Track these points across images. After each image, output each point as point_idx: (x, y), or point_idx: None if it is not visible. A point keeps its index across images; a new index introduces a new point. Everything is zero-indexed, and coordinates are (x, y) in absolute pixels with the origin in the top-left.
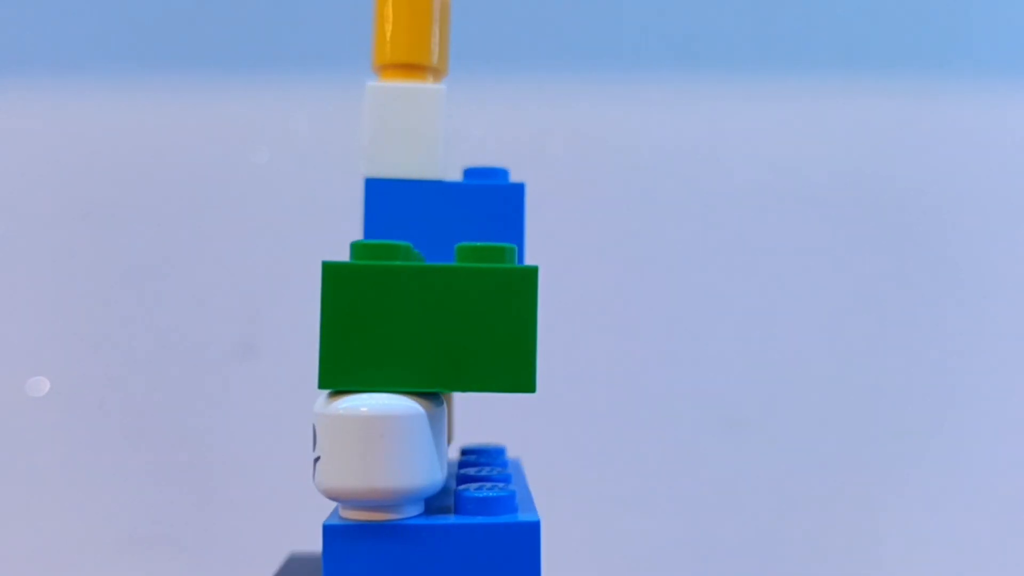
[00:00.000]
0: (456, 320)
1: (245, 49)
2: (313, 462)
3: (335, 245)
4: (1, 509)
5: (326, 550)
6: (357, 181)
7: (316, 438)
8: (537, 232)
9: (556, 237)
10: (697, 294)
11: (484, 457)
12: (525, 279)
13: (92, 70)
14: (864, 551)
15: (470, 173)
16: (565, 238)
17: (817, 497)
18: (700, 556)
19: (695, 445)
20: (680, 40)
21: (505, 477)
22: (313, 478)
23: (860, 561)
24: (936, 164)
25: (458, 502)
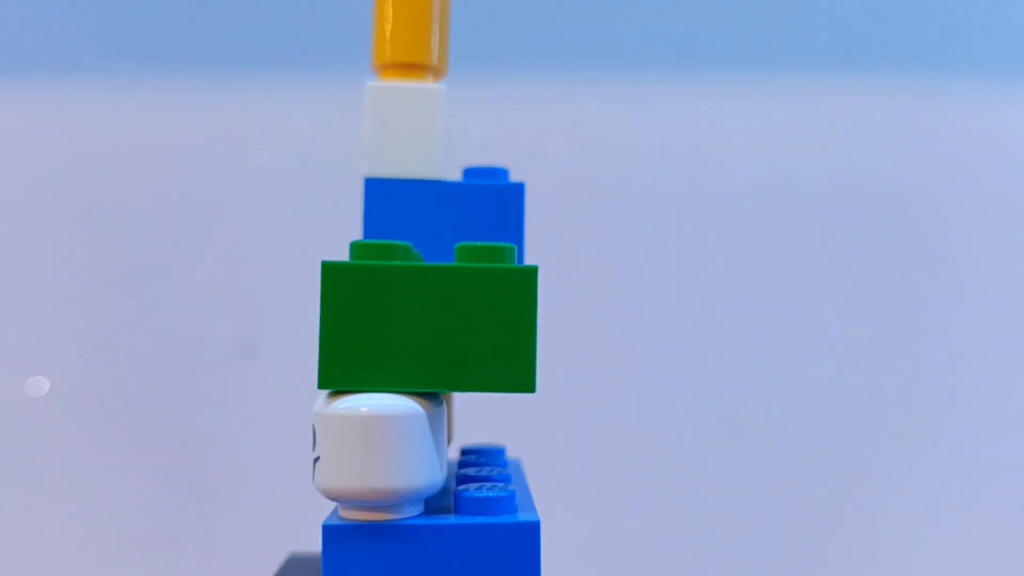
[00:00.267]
0: (456, 320)
1: (245, 49)
2: (313, 462)
3: (335, 245)
4: (1, 509)
5: (326, 550)
6: (357, 181)
7: (316, 438)
8: (537, 232)
9: (556, 237)
10: (698, 294)
11: (484, 457)
12: (525, 279)
13: (92, 70)
14: (865, 551)
15: (470, 173)
16: (565, 238)
17: (818, 497)
18: (701, 556)
19: (695, 445)
20: (680, 40)
21: (505, 477)
22: (313, 478)
23: (861, 561)
24: (937, 164)
25: (458, 502)
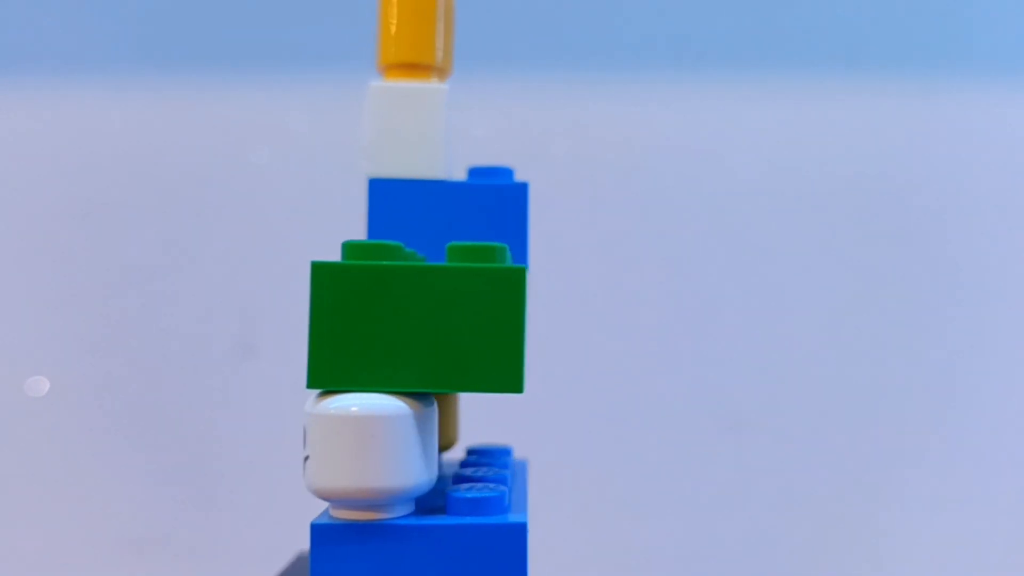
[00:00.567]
0: (444, 320)
1: (245, 49)
2: (303, 461)
3: (335, 245)
4: (1, 509)
5: (313, 549)
6: (357, 181)
7: (305, 437)
8: (537, 232)
9: (556, 237)
10: (698, 294)
11: (487, 458)
12: (512, 279)
13: (92, 70)
14: (865, 551)
15: (474, 173)
16: (565, 238)
17: (818, 498)
18: (701, 556)
19: (695, 445)
20: (682, 39)
21: (501, 478)
22: (303, 477)
23: (861, 562)
24: (937, 163)
25: (447, 502)
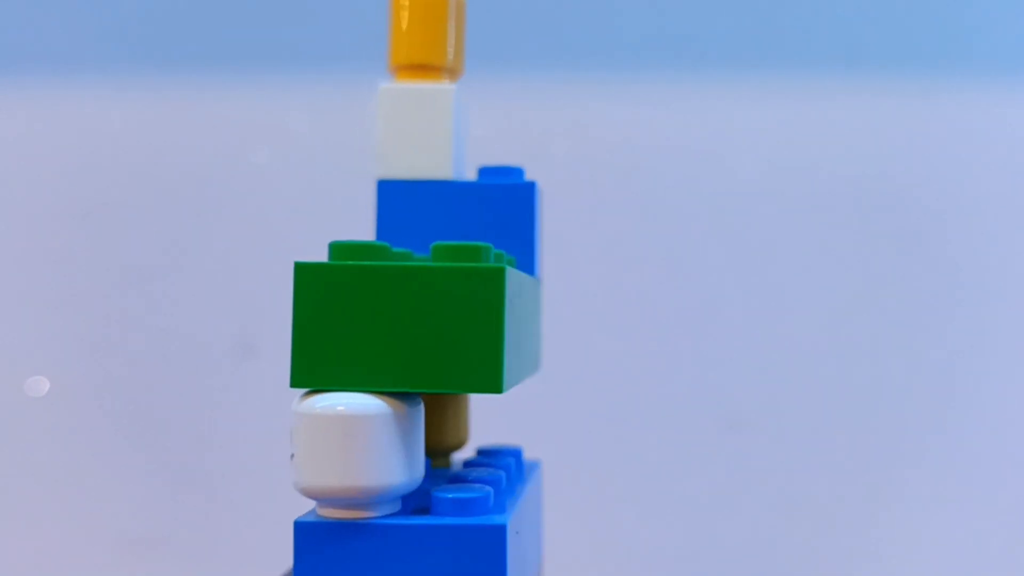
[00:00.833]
0: (425, 320)
1: (245, 49)
2: (290, 458)
3: None
4: (1, 509)
5: (296, 546)
6: (356, 181)
7: (292, 435)
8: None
9: (557, 237)
10: (698, 294)
11: (493, 458)
12: (492, 279)
13: (92, 70)
14: (865, 552)
15: (484, 172)
16: (565, 238)
17: (818, 498)
18: (701, 557)
19: (695, 446)
20: (682, 39)
21: (493, 478)
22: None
23: (861, 562)
24: (937, 163)
25: (432, 502)
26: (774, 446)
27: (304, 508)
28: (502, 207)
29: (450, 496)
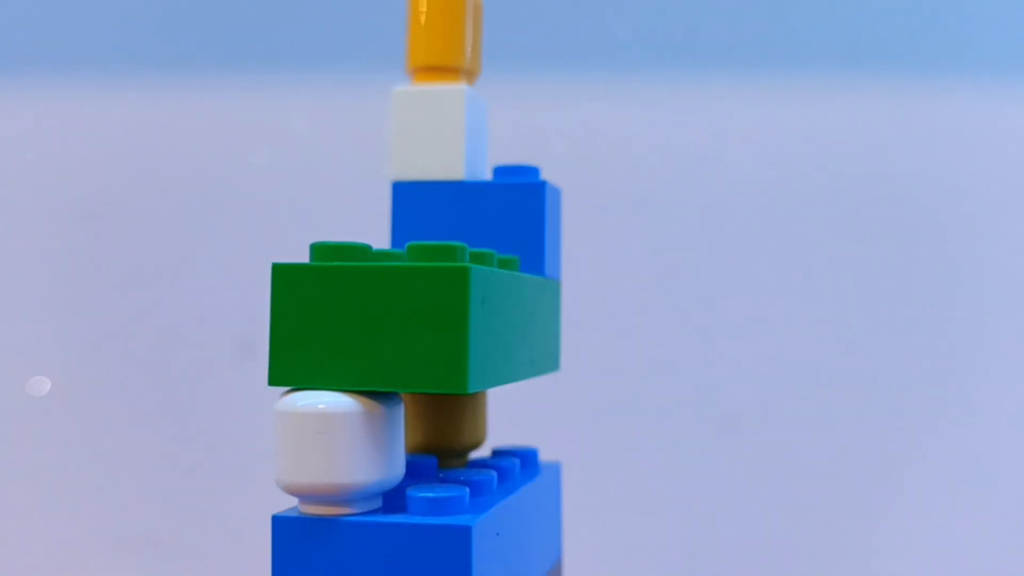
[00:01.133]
0: (395, 319)
1: (245, 49)
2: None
3: None
4: (1, 509)
5: (273, 541)
6: (357, 180)
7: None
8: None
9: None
10: (698, 293)
11: (495, 458)
12: (457, 278)
13: (92, 70)
14: (864, 552)
15: (499, 171)
16: (565, 238)
17: (818, 498)
18: (701, 557)
19: (695, 446)
20: (682, 40)
21: (482, 478)
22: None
23: (860, 562)
24: (937, 163)
25: (407, 501)
26: (774, 446)
27: None
28: (513, 207)
29: (424, 495)
